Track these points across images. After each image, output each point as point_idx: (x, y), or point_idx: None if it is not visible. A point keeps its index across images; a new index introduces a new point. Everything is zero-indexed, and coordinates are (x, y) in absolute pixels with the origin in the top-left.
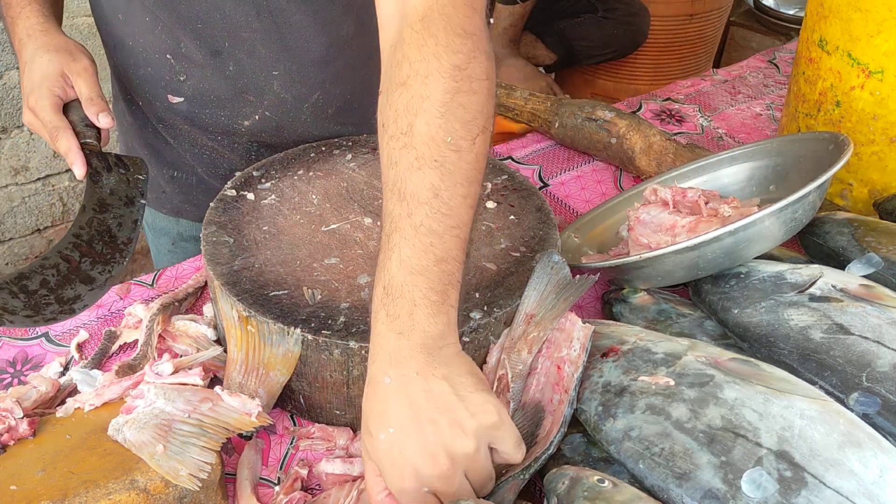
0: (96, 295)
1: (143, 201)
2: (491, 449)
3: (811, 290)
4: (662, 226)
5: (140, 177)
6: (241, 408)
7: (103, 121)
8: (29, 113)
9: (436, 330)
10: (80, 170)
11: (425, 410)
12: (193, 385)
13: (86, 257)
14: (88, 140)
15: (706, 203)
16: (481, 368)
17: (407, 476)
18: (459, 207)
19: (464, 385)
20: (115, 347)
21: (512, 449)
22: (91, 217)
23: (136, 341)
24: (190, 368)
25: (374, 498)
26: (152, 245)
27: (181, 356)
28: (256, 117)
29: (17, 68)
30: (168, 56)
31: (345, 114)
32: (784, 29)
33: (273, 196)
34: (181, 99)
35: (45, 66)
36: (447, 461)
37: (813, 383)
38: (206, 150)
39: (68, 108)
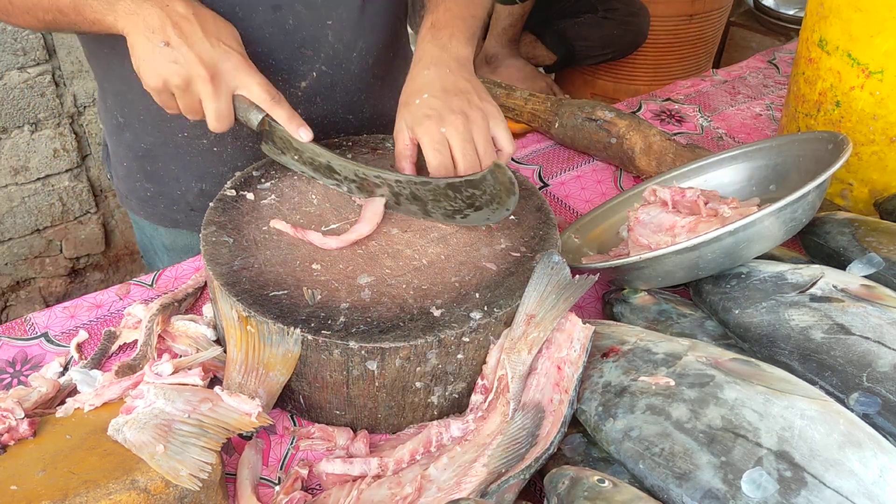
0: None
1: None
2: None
3: (812, 290)
4: (662, 226)
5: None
6: (241, 408)
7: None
8: (225, 71)
9: (465, 53)
10: (307, 133)
11: (452, 90)
12: (193, 385)
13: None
14: None
15: (705, 203)
16: (481, 368)
17: (433, 120)
18: (471, 3)
19: (479, 87)
20: (114, 347)
21: (503, 137)
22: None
23: (135, 341)
24: (190, 369)
25: (402, 156)
26: (145, 254)
27: (181, 356)
28: (314, 74)
29: (18, 68)
30: (237, 9)
31: (379, 65)
32: (784, 29)
33: (273, 196)
34: None
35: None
36: (463, 116)
37: (813, 383)
38: (249, 140)
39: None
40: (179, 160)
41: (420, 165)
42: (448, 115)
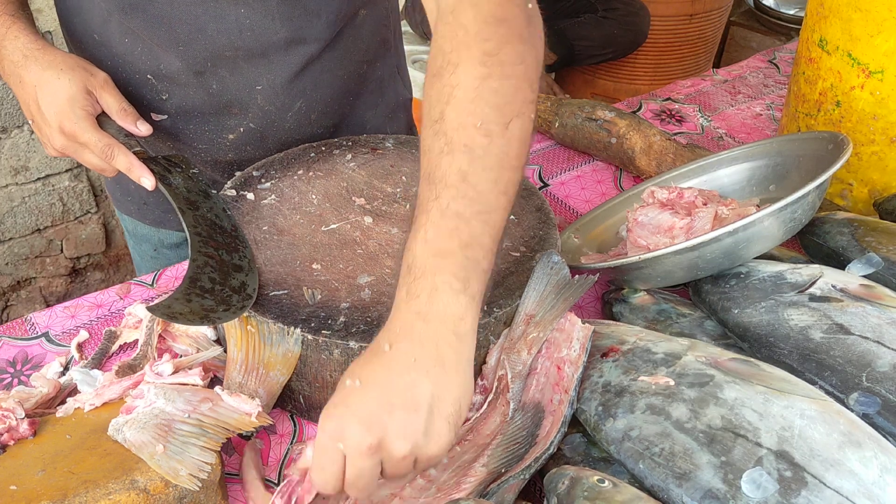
0: (254, 279)
1: (214, 191)
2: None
3: (811, 290)
4: (661, 227)
5: (194, 171)
6: (241, 408)
7: (143, 128)
8: (62, 138)
9: (454, 312)
10: (150, 180)
11: (397, 395)
12: (193, 385)
13: (220, 249)
14: (137, 150)
15: (704, 204)
16: (481, 369)
17: (336, 427)
18: (489, 193)
19: (442, 404)
20: (115, 347)
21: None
22: (193, 216)
23: (136, 341)
24: (190, 368)
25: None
26: (134, 251)
27: (181, 356)
28: (241, 129)
29: None
30: (149, 76)
31: (326, 117)
32: (784, 29)
33: (273, 196)
34: (164, 116)
35: (68, 87)
36: (376, 440)
37: (813, 383)
38: (204, 154)
39: (101, 123)
40: (149, 171)
41: None
42: (355, 433)
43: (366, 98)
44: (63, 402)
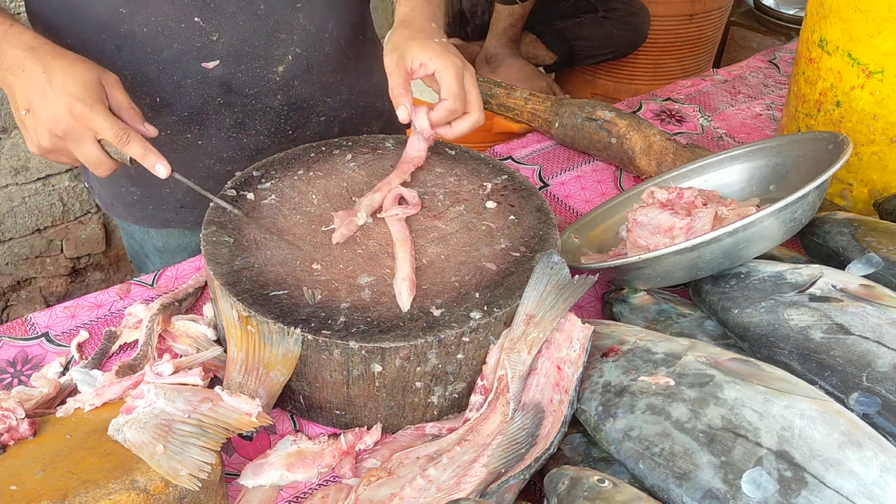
0: None
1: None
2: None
3: (811, 290)
4: (660, 227)
5: None
6: (242, 408)
7: (150, 129)
8: (72, 122)
9: (438, 36)
10: (165, 168)
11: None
12: (193, 385)
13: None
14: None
15: (704, 204)
16: (481, 369)
17: (458, 60)
18: None
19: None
20: (115, 347)
21: (468, 126)
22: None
23: (136, 341)
24: (190, 368)
25: (401, 75)
26: (140, 259)
27: (181, 356)
28: (289, 57)
29: None
30: (196, 19)
31: (350, 46)
32: (784, 29)
33: (273, 196)
34: (216, 62)
35: (84, 73)
36: (471, 70)
37: (813, 383)
38: (233, 131)
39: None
40: (164, 158)
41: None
42: (467, 67)
43: (369, 44)
44: (63, 402)
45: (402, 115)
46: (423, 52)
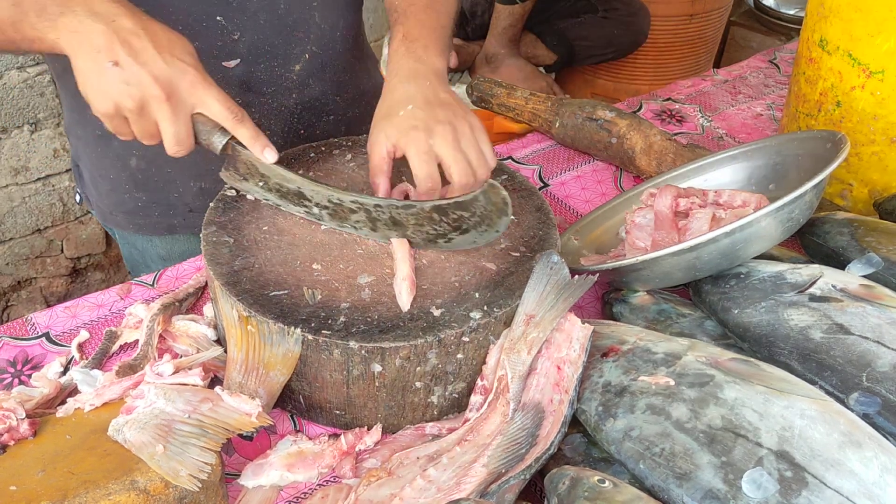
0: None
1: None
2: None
3: (811, 290)
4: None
5: None
6: (242, 408)
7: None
8: (183, 83)
9: (441, 67)
10: (273, 153)
11: (435, 101)
12: (194, 385)
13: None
14: None
15: (701, 206)
16: (481, 369)
17: (419, 131)
18: (453, 4)
19: (460, 101)
20: (115, 347)
21: (489, 151)
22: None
23: (136, 341)
24: (190, 369)
25: (378, 171)
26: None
27: (181, 356)
28: (306, 56)
29: (17, 68)
30: (218, 18)
31: (357, 44)
32: (784, 29)
33: None
34: (237, 61)
35: (187, 45)
36: (451, 127)
37: (813, 383)
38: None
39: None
40: (175, 161)
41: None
42: (435, 126)
43: (367, 47)
44: (63, 402)
45: None
46: (388, 136)
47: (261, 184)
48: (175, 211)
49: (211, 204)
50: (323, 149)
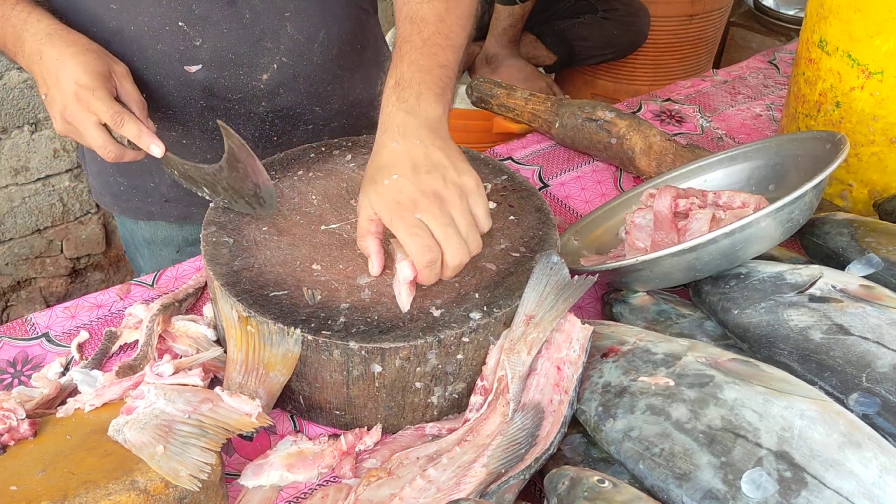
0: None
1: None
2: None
3: (811, 290)
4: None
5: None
6: (242, 408)
7: (150, 125)
8: (77, 107)
9: (436, 115)
10: (160, 147)
11: (424, 166)
12: (193, 386)
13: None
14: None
15: (701, 207)
16: (481, 369)
17: (405, 207)
18: (459, 33)
19: (454, 156)
20: (115, 348)
21: (482, 214)
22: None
23: (136, 342)
24: (190, 369)
25: (365, 232)
26: (148, 262)
27: (181, 357)
28: (275, 66)
29: (18, 68)
30: (180, 24)
31: (343, 56)
32: (784, 29)
33: None
34: (198, 66)
35: (94, 64)
36: (438, 199)
37: (813, 384)
38: (216, 133)
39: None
40: (159, 139)
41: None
42: (421, 200)
43: (370, 54)
44: (63, 402)
45: (371, 268)
46: (374, 206)
47: (176, 173)
48: (153, 199)
49: (211, 204)
50: (323, 149)
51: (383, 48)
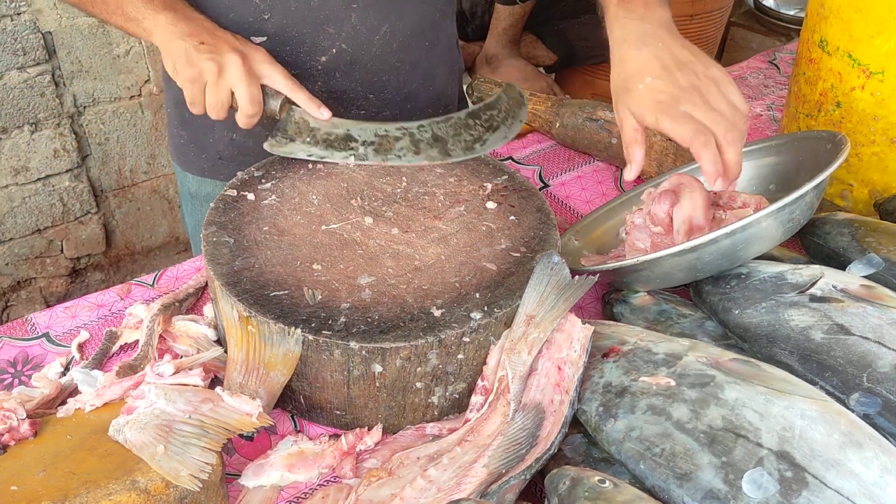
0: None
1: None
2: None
3: (812, 290)
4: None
5: None
6: (242, 408)
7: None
8: (265, 58)
9: (667, 17)
10: (327, 111)
11: (674, 64)
12: (194, 386)
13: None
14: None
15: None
16: (481, 369)
17: (668, 104)
18: None
19: (697, 52)
20: (115, 348)
21: (739, 100)
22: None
23: (136, 342)
24: (190, 369)
25: (632, 140)
26: (189, 216)
27: (182, 357)
28: (333, 51)
29: (18, 68)
30: None
31: (404, 50)
32: (784, 29)
33: (273, 196)
34: (264, 38)
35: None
36: (696, 91)
37: (814, 384)
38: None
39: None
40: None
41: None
42: (681, 95)
43: (439, 52)
44: (64, 402)
45: (628, 174)
46: (634, 113)
47: (308, 139)
48: (207, 154)
49: (211, 204)
50: None
51: (455, 51)
